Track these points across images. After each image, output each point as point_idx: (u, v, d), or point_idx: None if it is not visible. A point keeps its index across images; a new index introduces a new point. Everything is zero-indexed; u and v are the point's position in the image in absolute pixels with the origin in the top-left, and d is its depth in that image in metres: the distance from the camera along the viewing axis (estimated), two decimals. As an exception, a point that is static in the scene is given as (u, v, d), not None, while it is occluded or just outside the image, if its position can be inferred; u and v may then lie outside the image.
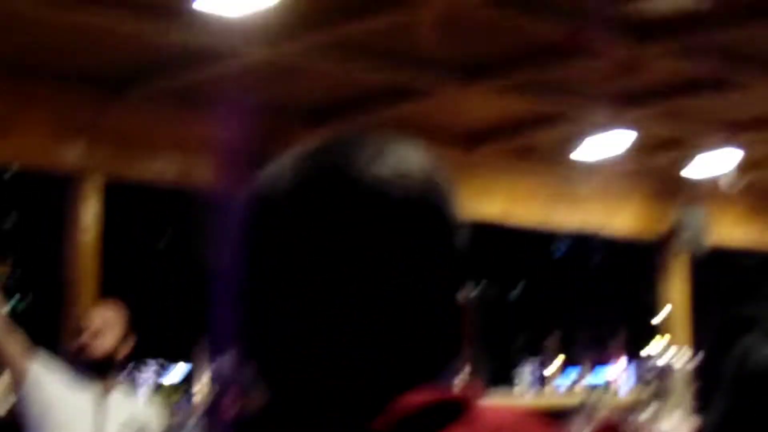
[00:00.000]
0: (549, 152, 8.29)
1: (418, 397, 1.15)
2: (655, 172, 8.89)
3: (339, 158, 1.21)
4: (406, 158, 1.22)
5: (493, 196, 8.39)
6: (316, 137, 1.28)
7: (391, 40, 5.95)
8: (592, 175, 8.62)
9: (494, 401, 9.59)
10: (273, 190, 1.20)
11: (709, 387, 1.98)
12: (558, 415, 6.28)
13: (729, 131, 7.92)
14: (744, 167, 8.68)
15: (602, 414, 6.22)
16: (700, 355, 2.19)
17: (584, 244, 25.12)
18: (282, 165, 1.22)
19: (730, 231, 9.72)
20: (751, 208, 9.77)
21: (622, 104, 7.22)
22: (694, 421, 2.01)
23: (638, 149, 8.06)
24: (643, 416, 6.25)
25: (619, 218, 9.08)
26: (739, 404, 1.86)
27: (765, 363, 1.86)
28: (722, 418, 1.88)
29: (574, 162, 8.24)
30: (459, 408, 1.16)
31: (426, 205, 1.21)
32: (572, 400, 6.60)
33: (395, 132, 1.26)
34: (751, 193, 9.44)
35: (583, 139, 7.89)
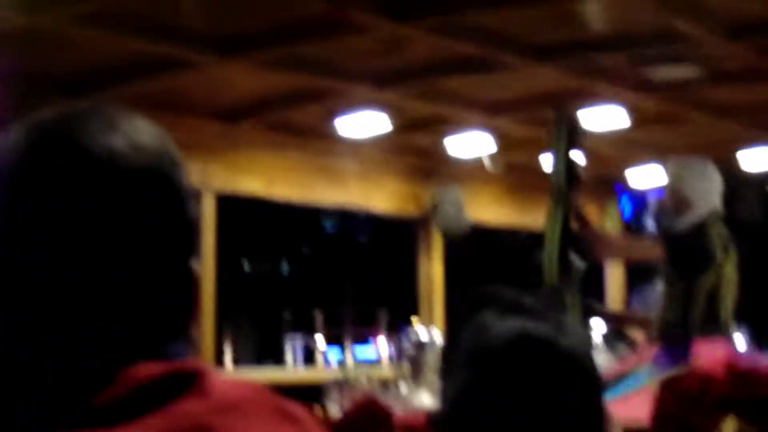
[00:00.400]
0: (310, 128, 8.27)
1: (148, 369, 1.11)
2: (414, 150, 8.99)
3: (70, 128, 1.20)
4: (138, 130, 1.22)
5: (254, 172, 8.33)
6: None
7: (152, 11, 5.82)
8: (353, 152, 8.66)
9: (258, 376, 9.56)
10: (4, 160, 1.19)
11: (450, 362, 2.00)
12: (320, 391, 6.29)
13: (488, 112, 8.07)
14: (502, 148, 8.88)
15: (361, 389, 6.25)
16: (444, 332, 2.20)
17: (351, 221, 25.34)
18: (14, 135, 1.20)
19: (488, 210, 9.92)
20: (508, 188, 10.00)
21: (382, 82, 7.26)
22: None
23: (398, 127, 8.13)
24: (402, 390, 6.31)
25: (379, 196, 9.15)
26: (474, 379, 1.89)
27: (498, 339, 1.90)
28: (459, 393, 1.90)
29: (335, 139, 8.25)
30: (193, 380, 1.12)
31: (158, 176, 1.20)
32: (335, 375, 6.61)
33: (152, 104, 1.24)
34: (509, 174, 9.66)
35: (344, 116, 7.91)
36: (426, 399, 5.90)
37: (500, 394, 1.83)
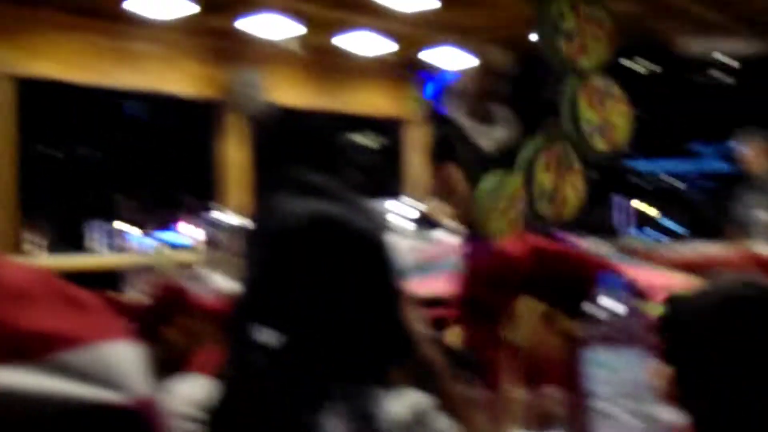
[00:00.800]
0: (107, 11, 8.01)
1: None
2: (213, 32, 8.82)
3: None
4: None
5: (52, 55, 8.05)
6: None
7: None
8: (151, 35, 8.46)
9: (59, 262, 9.35)
10: None
11: (250, 243, 1.97)
12: (122, 276, 6.19)
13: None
14: (304, 29, 8.79)
15: (162, 273, 6.17)
16: (248, 214, 2.16)
17: (153, 104, 24.87)
18: None
19: (288, 93, 9.85)
20: (308, 70, 9.94)
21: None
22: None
23: (197, 9, 7.96)
24: (203, 274, 6.25)
25: (177, 78, 8.97)
26: (271, 258, 1.86)
27: (294, 219, 1.87)
28: (258, 271, 1.88)
29: (133, 21, 8.02)
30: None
31: None
32: (135, 261, 6.50)
33: None
34: (310, 56, 9.59)
35: (141, -3, 7.70)
36: (227, 282, 5.85)
37: (297, 272, 1.81)
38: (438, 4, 8.11)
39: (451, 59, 10.12)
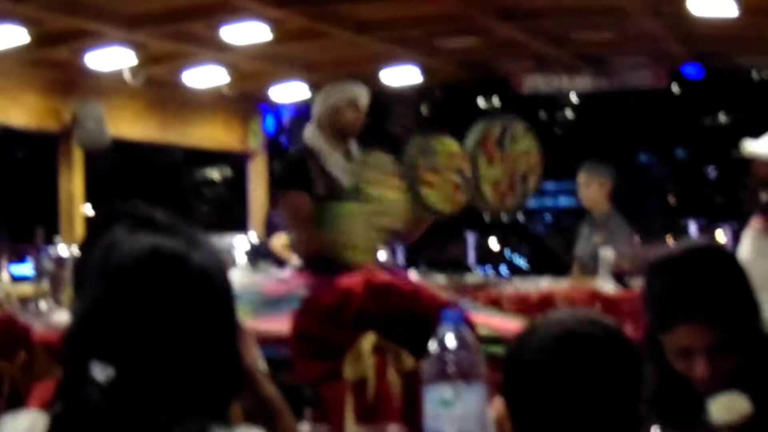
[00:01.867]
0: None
1: None
2: (53, 64, 8.61)
3: None
4: None
5: None
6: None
7: None
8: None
9: None
10: None
11: (83, 278, 1.90)
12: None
13: (128, 26, 7.82)
14: (143, 62, 8.67)
15: (4, 306, 5.97)
16: (79, 248, 2.09)
17: (3, 136, 24.26)
18: None
19: (130, 125, 9.71)
20: (149, 103, 9.81)
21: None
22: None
23: (36, 40, 7.77)
24: (42, 307, 6.07)
25: (17, 110, 8.74)
26: (104, 295, 1.80)
27: (128, 255, 1.81)
28: (88, 309, 1.81)
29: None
30: None
31: None
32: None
33: None
34: (150, 89, 9.46)
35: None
36: (66, 316, 5.70)
37: (129, 310, 1.76)
38: (270, 38, 8.07)
39: (292, 93, 10.12)
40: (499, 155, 4.86)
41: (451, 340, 2.01)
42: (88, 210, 9.32)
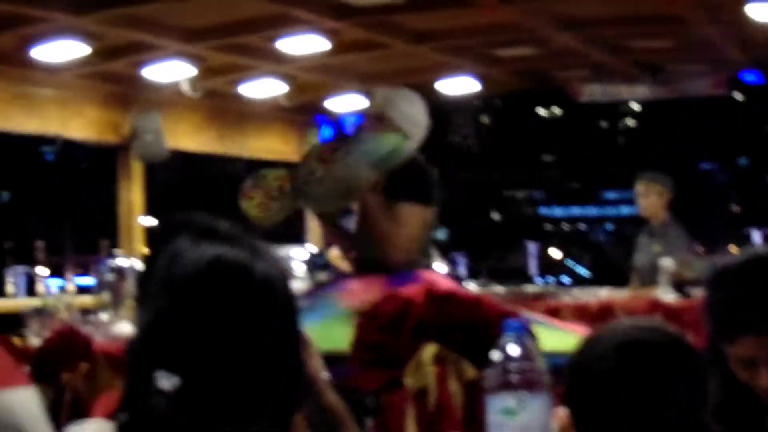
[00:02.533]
0: (5, 55, 7.89)
1: None
2: (113, 77, 8.71)
3: None
4: None
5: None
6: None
7: None
8: (51, 80, 8.34)
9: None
10: None
11: (146, 290, 1.92)
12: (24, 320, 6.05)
13: (186, 39, 7.89)
14: (201, 75, 8.74)
15: (60, 317, 6.04)
16: (143, 259, 2.12)
17: (72, 149, 24.53)
18: None
19: (188, 137, 9.79)
20: (208, 115, 9.88)
21: (80, 8, 6.97)
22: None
23: (96, 54, 7.86)
24: (103, 318, 6.13)
25: (78, 123, 8.84)
26: (167, 307, 1.82)
27: (191, 266, 1.83)
28: (152, 320, 1.83)
29: (32, 65, 7.90)
30: None
31: None
32: (38, 304, 6.36)
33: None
34: (208, 101, 9.54)
35: (41, 44, 7.57)
36: (127, 327, 5.75)
37: (193, 321, 1.77)
38: (328, 48, 8.11)
39: (349, 104, 10.14)
40: None
41: (513, 350, 2.01)
42: (148, 222, 9.39)
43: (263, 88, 9.42)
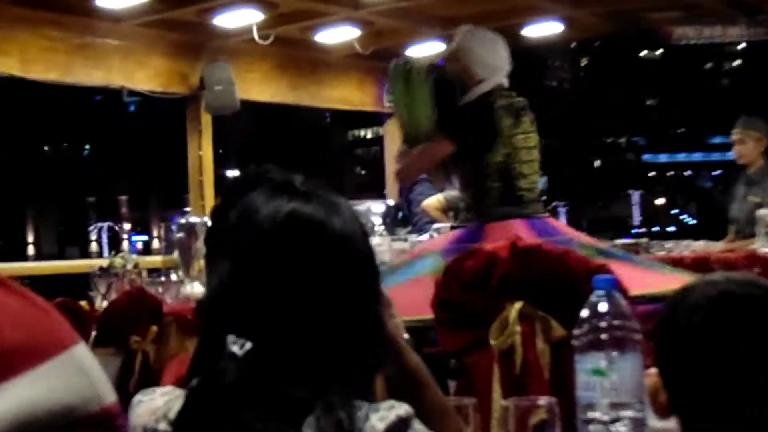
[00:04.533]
0: (67, 4, 7.97)
1: None
2: (180, 25, 8.76)
3: None
4: None
5: (9, 52, 8.00)
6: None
7: None
8: (115, 27, 8.41)
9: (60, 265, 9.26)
10: None
11: (216, 247, 1.94)
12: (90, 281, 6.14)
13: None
14: (272, 22, 8.76)
15: (128, 278, 6.13)
16: (212, 215, 2.13)
17: (151, 101, 24.84)
18: None
19: (260, 87, 9.83)
20: (280, 64, 9.90)
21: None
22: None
23: (161, 0, 7.92)
24: (173, 278, 6.20)
25: (143, 74, 8.92)
26: (240, 264, 1.83)
27: (265, 221, 1.83)
28: (224, 279, 1.84)
29: (95, 14, 7.98)
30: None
31: None
32: (106, 264, 6.45)
33: None
34: (280, 49, 9.55)
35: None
36: (198, 288, 5.82)
37: (267, 279, 1.79)
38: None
39: (430, 51, 10.10)
40: None
41: (603, 307, 2.02)
42: (222, 177, 9.48)
43: (338, 35, 9.42)
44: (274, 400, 1.74)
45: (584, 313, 2.04)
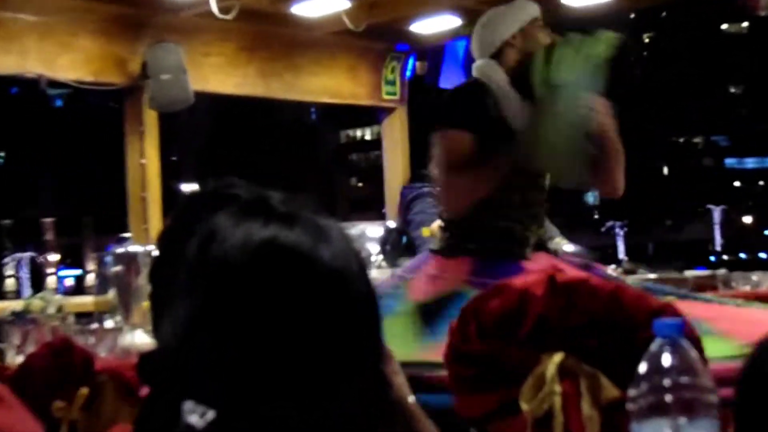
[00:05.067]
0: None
1: None
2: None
3: None
4: None
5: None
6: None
7: None
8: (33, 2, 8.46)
9: None
10: None
11: (169, 284, 1.95)
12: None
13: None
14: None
15: (51, 325, 6.16)
16: (159, 243, 2.15)
17: (84, 94, 24.95)
18: None
19: (220, 76, 9.84)
20: (246, 45, 9.92)
21: None
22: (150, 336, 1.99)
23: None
24: (108, 324, 6.25)
25: (68, 57, 8.93)
26: (203, 305, 1.83)
27: (237, 251, 1.84)
28: (183, 325, 1.85)
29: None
30: None
31: None
32: (21, 308, 6.48)
33: None
34: (247, 25, 9.57)
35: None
36: (141, 337, 5.85)
37: (238, 327, 1.79)
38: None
39: (439, 28, 10.15)
40: None
41: (667, 360, 2.04)
42: (173, 192, 9.48)
43: (322, 5, 9.45)
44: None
45: (643, 367, 2.06)
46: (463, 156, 5.00)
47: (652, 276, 7.10)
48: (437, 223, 7.39)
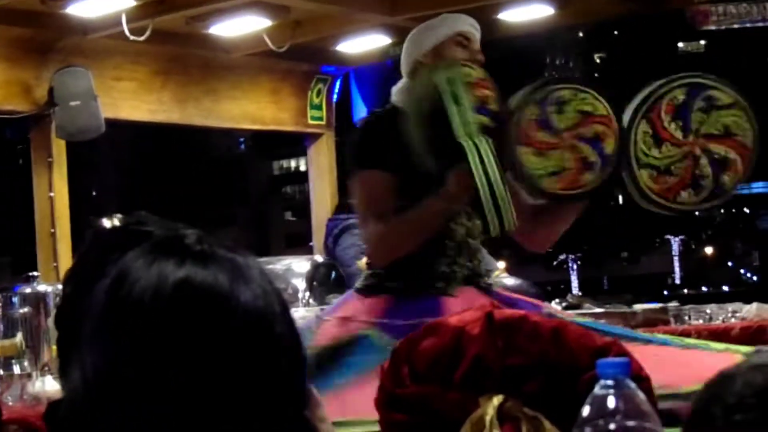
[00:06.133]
0: None
1: None
2: (19, 14, 8.73)
3: None
4: None
5: None
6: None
7: None
8: None
9: None
10: None
11: (75, 328, 1.93)
12: None
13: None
14: (149, 7, 8.75)
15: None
16: (66, 283, 2.14)
17: None
18: None
19: (133, 101, 9.79)
20: (161, 68, 9.89)
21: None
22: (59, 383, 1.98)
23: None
24: (16, 369, 6.21)
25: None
26: (112, 352, 1.82)
27: (148, 293, 1.83)
28: (91, 373, 1.84)
29: None
30: None
31: None
32: None
33: None
34: (162, 47, 9.55)
35: None
36: (51, 384, 5.82)
37: (151, 375, 1.78)
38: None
39: (368, 47, 10.17)
40: (677, 133, 4.92)
41: (612, 402, 2.04)
42: (83, 227, 9.42)
43: (241, 25, 9.44)
44: None
45: (586, 410, 2.06)
46: (384, 201, 4.83)
47: (598, 310, 7.11)
48: (364, 260, 7.36)
